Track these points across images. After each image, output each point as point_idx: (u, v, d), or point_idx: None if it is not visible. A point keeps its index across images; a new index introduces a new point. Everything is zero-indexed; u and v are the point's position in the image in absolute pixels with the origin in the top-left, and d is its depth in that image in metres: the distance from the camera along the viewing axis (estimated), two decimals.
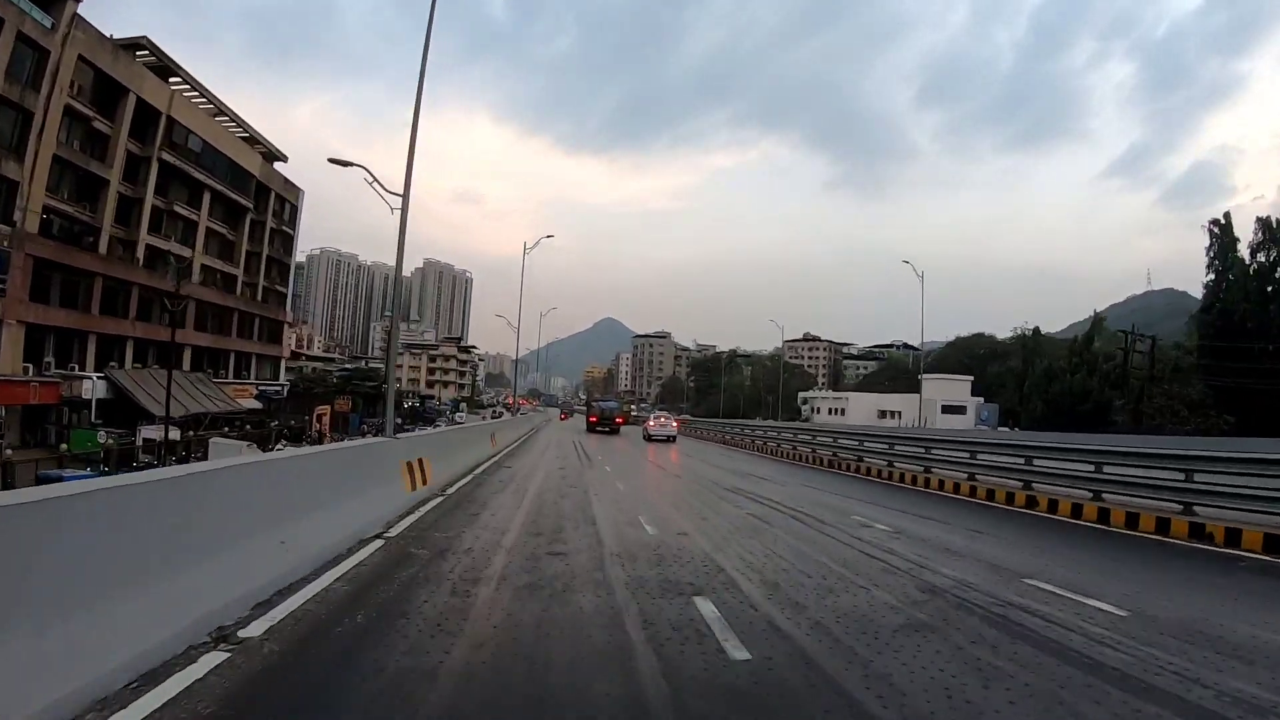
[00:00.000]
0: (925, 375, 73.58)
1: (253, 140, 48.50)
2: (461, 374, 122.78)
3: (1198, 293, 47.28)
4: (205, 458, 22.70)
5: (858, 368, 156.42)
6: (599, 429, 36.53)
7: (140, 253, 38.06)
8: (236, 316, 46.59)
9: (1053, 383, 60.05)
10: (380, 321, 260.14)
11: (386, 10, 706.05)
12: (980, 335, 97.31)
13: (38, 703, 2.60)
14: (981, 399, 69.20)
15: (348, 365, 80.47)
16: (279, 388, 52.12)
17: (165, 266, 38.82)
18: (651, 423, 32.28)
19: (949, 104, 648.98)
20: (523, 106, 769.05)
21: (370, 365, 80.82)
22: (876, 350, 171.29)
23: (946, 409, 67.24)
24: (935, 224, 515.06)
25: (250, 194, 47.45)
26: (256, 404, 47.45)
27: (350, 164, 12.41)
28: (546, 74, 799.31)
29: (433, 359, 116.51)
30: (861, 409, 73.30)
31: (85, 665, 2.87)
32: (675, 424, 32.77)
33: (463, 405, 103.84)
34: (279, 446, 33.13)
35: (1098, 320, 61.83)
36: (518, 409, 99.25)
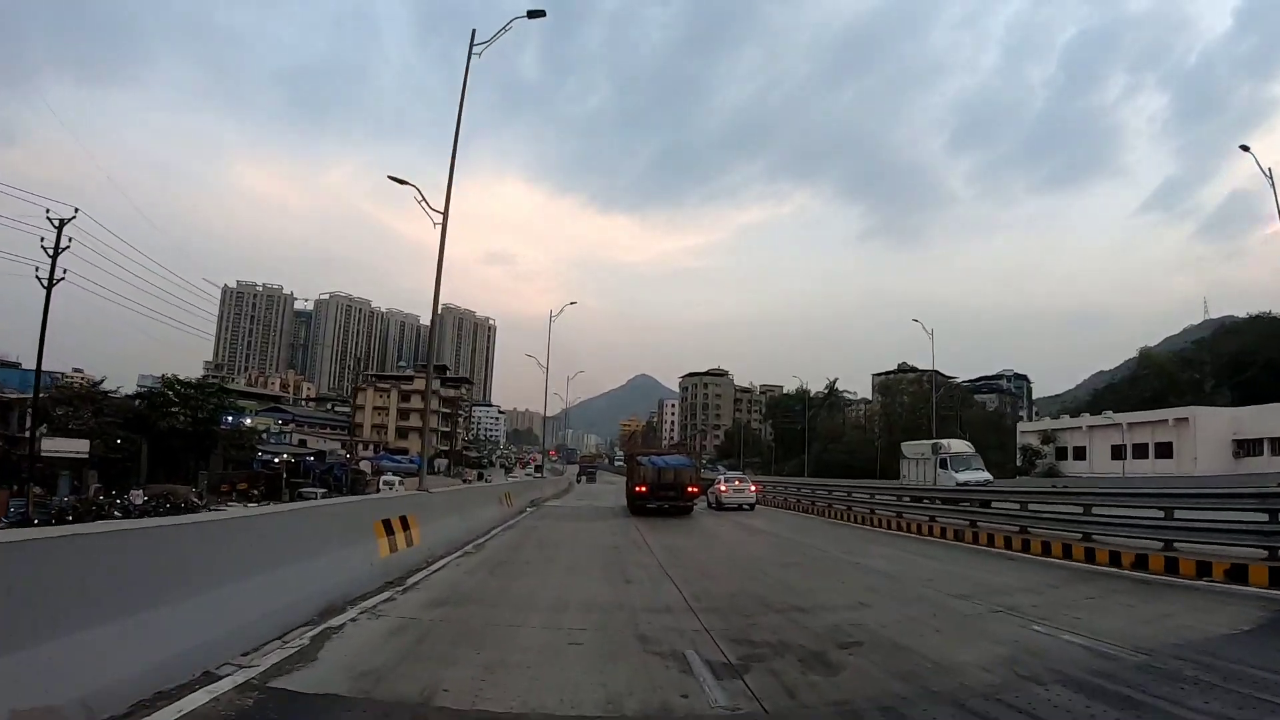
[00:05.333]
0: None
1: None
2: (450, 416, 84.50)
3: None
4: None
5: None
6: (651, 505, 20.01)
7: None
8: None
9: None
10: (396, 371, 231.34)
11: (419, 69, 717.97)
12: (1260, 317, 61.47)
13: None
14: None
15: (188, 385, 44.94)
16: None
17: None
18: (724, 487, 24.84)
19: (983, 147, 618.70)
20: (554, 165, 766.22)
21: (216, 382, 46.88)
22: (985, 382, 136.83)
23: None
24: (971, 268, 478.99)
25: None
26: None
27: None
28: (578, 132, 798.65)
29: (405, 396, 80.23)
30: (1212, 438, 39.07)
31: None
32: (753, 488, 25.58)
33: (438, 464, 68.36)
34: None
35: None
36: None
